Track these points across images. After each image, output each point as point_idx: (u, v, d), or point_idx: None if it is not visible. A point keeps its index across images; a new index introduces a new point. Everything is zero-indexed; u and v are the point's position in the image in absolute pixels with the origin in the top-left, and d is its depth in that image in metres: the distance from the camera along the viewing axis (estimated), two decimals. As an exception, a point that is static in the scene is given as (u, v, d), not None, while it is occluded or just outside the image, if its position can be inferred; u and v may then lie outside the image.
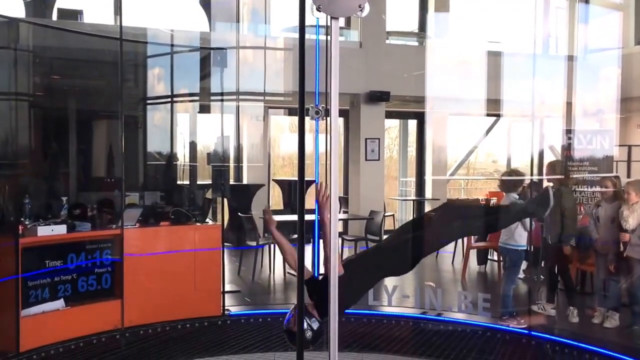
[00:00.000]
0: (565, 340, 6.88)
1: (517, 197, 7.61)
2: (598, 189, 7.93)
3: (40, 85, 8.25)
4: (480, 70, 11.18)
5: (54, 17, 10.65)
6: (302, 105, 2.63)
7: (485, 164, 18.67)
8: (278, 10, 12.38)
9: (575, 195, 8.78)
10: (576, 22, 13.00)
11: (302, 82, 2.59)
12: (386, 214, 12.17)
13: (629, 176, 11.95)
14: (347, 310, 4.38)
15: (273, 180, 14.31)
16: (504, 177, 7.99)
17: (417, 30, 14.41)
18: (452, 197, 16.11)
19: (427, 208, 15.42)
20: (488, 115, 14.16)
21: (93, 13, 10.92)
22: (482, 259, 10.79)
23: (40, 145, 8.17)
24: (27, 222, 6.59)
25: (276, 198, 14.38)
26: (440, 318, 7.54)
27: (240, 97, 9.81)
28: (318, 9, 2.66)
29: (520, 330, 7.17)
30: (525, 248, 7.63)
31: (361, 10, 2.69)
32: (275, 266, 10.50)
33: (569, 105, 10.82)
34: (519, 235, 7.49)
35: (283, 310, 7.96)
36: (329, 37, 2.74)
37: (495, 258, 10.66)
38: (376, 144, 12.67)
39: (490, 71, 11.45)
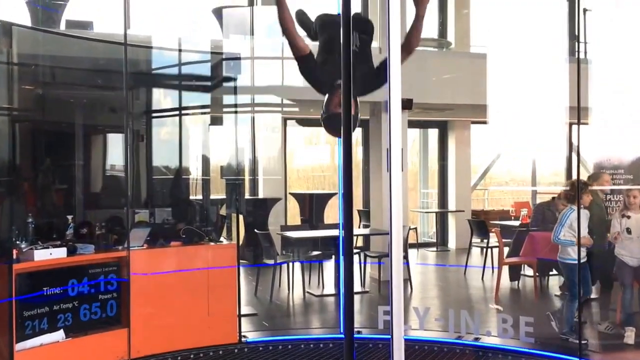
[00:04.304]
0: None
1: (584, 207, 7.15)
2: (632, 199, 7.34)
3: (38, 97, 7.75)
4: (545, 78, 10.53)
5: (62, 27, 10.19)
6: (347, 113, 2.15)
7: (500, 173, 18.04)
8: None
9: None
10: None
11: (348, 90, 2.12)
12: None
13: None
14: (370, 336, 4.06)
15: (290, 193, 13.78)
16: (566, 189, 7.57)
17: (436, 37, 13.88)
18: (476, 208, 15.46)
19: (451, 220, 14.83)
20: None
21: (103, 24, 10.45)
22: (515, 274, 10.12)
23: (38, 161, 7.65)
24: (22, 246, 6.03)
25: (292, 212, 13.86)
26: (478, 344, 6.88)
27: (256, 108, 9.32)
28: None
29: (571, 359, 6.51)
30: (582, 260, 7.04)
31: None
32: (294, 285, 9.94)
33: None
34: (572, 248, 7.04)
35: (304, 337, 7.45)
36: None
37: (528, 273, 10.03)
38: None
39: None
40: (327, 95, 4.20)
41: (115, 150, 8.48)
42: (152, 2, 10.08)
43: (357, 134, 13.94)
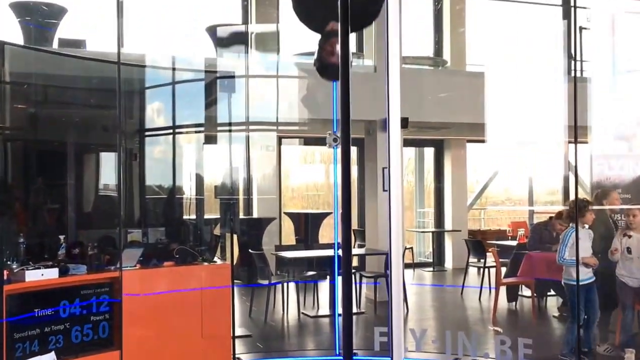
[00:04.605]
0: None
1: (586, 226, 7.05)
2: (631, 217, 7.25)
3: (30, 116, 7.66)
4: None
5: (55, 46, 10.13)
6: (346, 130, 2.07)
7: (496, 192, 17.98)
8: (289, 36, 11.86)
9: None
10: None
11: (347, 107, 2.05)
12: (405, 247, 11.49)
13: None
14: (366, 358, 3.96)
15: (285, 213, 13.67)
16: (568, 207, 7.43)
17: (432, 55, 13.86)
18: (472, 227, 15.38)
19: (447, 240, 14.74)
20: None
21: (96, 43, 10.38)
22: (513, 295, 10.02)
23: (30, 180, 7.55)
24: (13, 266, 5.92)
25: (286, 231, 13.75)
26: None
27: (251, 126, 9.24)
28: None
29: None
30: (589, 281, 6.94)
31: None
32: (289, 306, 9.83)
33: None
34: (572, 269, 6.90)
35: (299, 358, 7.34)
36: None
37: (526, 294, 9.94)
38: (394, 173, 12.00)
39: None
40: (319, 42, 4.11)
41: (107, 169, 8.39)
42: (145, 20, 10.01)
43: (352, 153, 13.87)
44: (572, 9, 13.26)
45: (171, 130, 8.37)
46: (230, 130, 8.28)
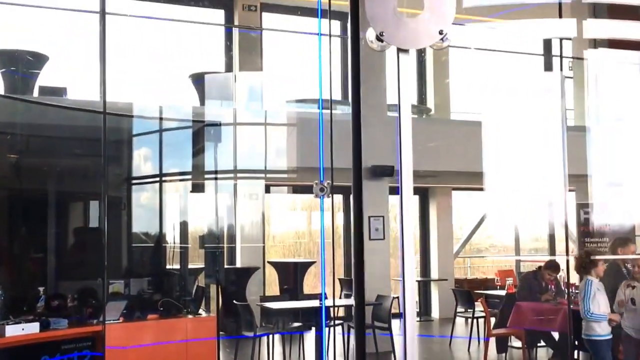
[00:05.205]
0: None
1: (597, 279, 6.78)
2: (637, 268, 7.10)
3: (12, 164, 7.53)
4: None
5: (35, 94, 10.02)
6: (358, 172, 1.96)
7: (479, 239, 17.90)
8: (276, 84, 11.88)
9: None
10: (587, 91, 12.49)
11: (359, 145, 1.94)
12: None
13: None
14: None
15: (268, 262, 13.48)
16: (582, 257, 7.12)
17: (416, 103, 13.90)
18: (458, 276, 15.25)
19: (434, 289, 14.60)
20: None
21: (78, 90, 10.30)
22: (503, 346, 9.85)
23: (12, 230, 7.39)
24: (-7, 320, 5.74)
25: (268, 279, 13.53)
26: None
27: (238, 174, 9.16)
28: (379, 38, 1.84)
29: None
30: (609, 337, 6.71)
31: (443, 39, 1.85)
32: (274, 358, 9.60)
33: (582, 177, 10.15)
34: (598, 324, 6.63)
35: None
36: (399, 75, 1.94)
37: (516, 345, 9.78)
38: (380, 222, 11.90)
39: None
40: None
41: (92, 218, 8.26)
42: (130, 68, 9.95)
43: (337, 199, 13.79)
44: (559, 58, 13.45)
45: (158, 179, 8.28)
46: (216, 179, 8.19)
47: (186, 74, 11.20)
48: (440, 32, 1.82)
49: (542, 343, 9.56)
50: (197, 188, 9.39)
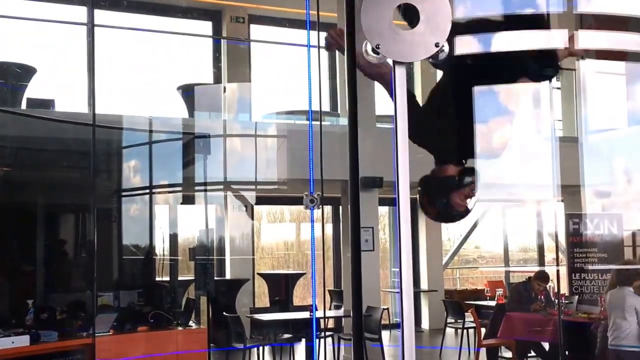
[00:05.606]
0: None
1: (632, 291, 6.58)
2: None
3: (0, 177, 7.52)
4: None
5: (23, 106, 9.99)
6: (355, 184, 1.93)
7: (468, 250, 17.96)
8: (265, 96, 11.90)
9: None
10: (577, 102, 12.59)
11: (355, 156, 1.91)
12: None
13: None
14: None
15: (258, 274, 13.46)
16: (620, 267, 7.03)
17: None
18: (447, 287, 15.28)
19: (423, 300, 14.61)
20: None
21: (66, 102, 10.27)
22: (493, 357, 9.86)
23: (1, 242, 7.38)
24: (-18, 334, 5.72)
25: (258, 291, 13.51)
26: None
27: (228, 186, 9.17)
28: (375, 50, 1.83)
29: None
30: None
31: (440, 51, 1.84)
32: (265, 371, 9.60)
33: (572, 188, 10.21)
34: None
35: None
36: (396, 87, 1.93)
37: (507, 355, 9.79)
38: (370, 233, 11.94)
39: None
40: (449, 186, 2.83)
41: (82, 230, 8.24)
42: (119, 80, 9.95)
43: (326, 211, 13.79)
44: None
45: (148, 191, 8.28)
46: (206, 190, 8.19)
47: (175, 86, 11.20)
48: (437, 45, 1.83)
49: (533, 353, 9.59)
50: (187, 200, 9.38)
